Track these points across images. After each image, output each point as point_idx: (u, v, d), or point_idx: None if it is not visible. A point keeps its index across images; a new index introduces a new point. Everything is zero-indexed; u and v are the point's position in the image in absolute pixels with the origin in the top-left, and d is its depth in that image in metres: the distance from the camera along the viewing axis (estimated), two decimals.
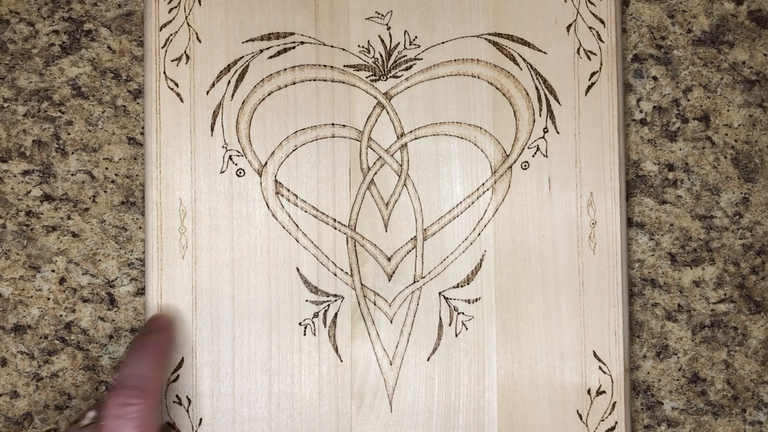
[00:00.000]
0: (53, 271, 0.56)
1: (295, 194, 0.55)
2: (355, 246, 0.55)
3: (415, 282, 0.55)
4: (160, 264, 0.54)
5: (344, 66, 0.55)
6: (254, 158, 0.55)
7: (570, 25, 0.55)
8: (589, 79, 0.55)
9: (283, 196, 0.55)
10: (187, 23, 0.55)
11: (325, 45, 0.55)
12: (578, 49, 0.55)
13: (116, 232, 0.56)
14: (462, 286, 0.55)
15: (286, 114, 0.55)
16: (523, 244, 0.55)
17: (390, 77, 0.55)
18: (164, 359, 0.50)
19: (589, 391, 0.54)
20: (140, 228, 0.56)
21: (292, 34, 0.55)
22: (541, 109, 0.55)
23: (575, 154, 0.55)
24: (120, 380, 0.47)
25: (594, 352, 0.54)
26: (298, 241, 0.54)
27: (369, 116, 0.55)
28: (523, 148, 0.55)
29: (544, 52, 0.55)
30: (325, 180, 0.55)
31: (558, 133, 0.55)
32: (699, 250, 0.57)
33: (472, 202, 0.55)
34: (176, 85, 0.54)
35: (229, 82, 0.55)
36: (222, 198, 0.54)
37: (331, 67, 0.55)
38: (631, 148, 0.57)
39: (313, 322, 0.54)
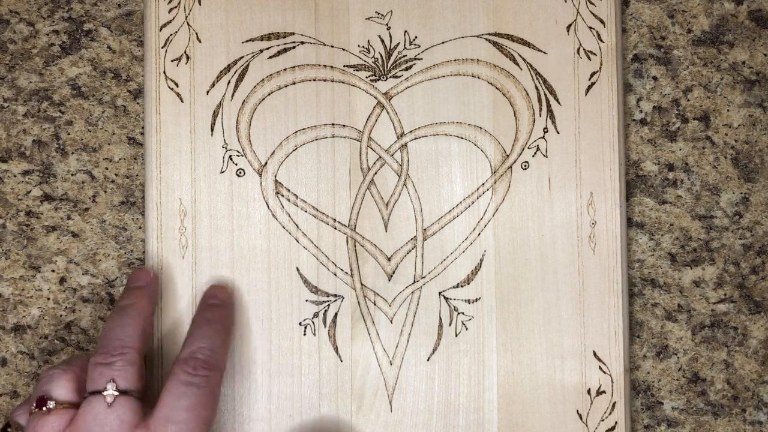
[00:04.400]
0: (53, 271, 0.56)
1: (295, 194, 0.55)
2: (355, 246, 0.55)
3: (415, 282, 0.55)
4: (160, 264, 0.54)
5: (344, 66, 0.55)
6: (254, 158, 0.54)
7: (570, 25, 0.55)
8: (589, 79, 0.55)
9: (283, 196, 0.55)
10: (187, 23, 0.55)
11: (325, 45, 0.55)
12: (578, 49, 0.55)
13: (116, 232, 0.56)
14: (462, 286, 0.55)
15: (286, 114, 0.55)
16: (523, 244, 0.55)
17: (390, 77, 0.55)
18: (229, 336, 0.52)
19: (589, 391, 0.54)
20: (140, 228, 0.56)
21: (292, 34, 0.55)
22: (541, 109, 0.55)
23: (575, 154, 0.55)
24: (190, 352, 0.48)
25: (594, 352, 0.54)
26: (298, 241, 0.54)
27: (369, 116, 0.55)
28: (523, 148, 0.55)
29: (544, 52, 0.55)
30: (325, 180, 0.55)
31: (558, 133, 0.55)
32: (699, 250, 0.57)
33: (472, 202, 0.55)
34: (176, 85, 0.54)
35: (229, 82, 0.55)
36: (222, 198, 0.54)
37: (331, 67, 0.55)
38: (631, 148, 0.57)
39: (313, 322, 0.54)
